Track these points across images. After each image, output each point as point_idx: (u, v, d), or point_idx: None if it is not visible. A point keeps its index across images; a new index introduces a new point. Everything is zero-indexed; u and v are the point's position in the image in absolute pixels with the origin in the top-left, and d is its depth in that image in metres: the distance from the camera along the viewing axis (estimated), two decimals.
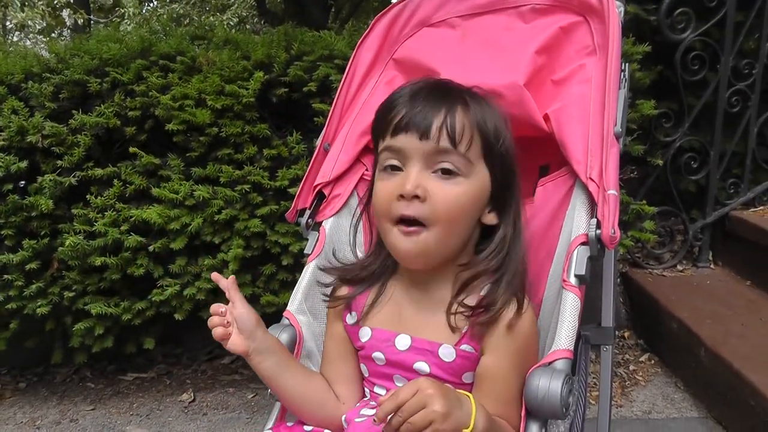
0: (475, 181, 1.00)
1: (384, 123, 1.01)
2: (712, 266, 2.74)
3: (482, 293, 1.01)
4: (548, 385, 0.91)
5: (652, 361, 2.37)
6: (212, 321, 1.03)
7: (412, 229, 0.99)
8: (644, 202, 2.35)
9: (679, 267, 2.72)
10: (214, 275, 1.06)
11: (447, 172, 0.98)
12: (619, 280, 2.68)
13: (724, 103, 2.59)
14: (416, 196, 0.97)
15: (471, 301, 1.01)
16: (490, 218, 1.05)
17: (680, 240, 2.76)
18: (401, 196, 0.97)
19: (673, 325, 2.26)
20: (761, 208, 2.73)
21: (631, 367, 2.33)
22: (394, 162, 1.00)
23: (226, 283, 1.05)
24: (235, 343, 1.03)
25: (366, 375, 1.12)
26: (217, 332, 1.02)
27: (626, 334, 2.55)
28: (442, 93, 0.99)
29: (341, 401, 1.12)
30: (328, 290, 1.16)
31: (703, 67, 2.55)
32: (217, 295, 2.15)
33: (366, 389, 1.14)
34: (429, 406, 0.82)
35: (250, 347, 1.03)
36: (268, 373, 1.06)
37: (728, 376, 1.90)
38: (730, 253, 2.71)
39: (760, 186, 2.74)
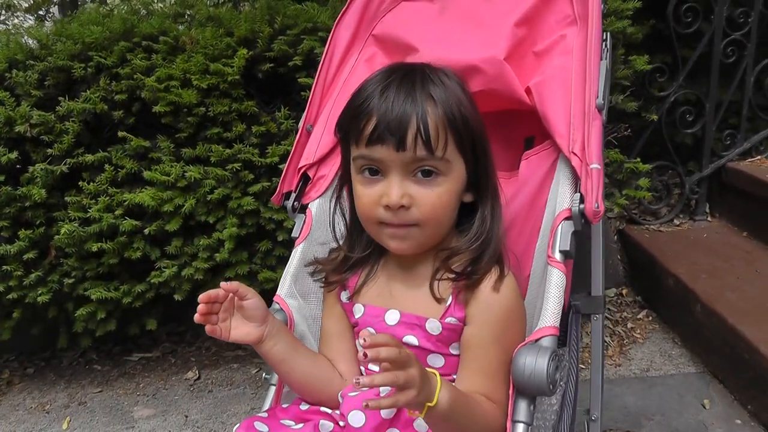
0: (454, 176, 1.00)
1: (356, 129, 0.99)
2: (708, 219, 2.74)
3: (465, 264, 1.03)
4: (534, 362, 0.91)
5: (650, 318, 2.39)
6: (199, 310, 1.00)
7: (401, 230, 1.00)
8: (638, 160, 2.33)
9: (675, 221, 2.72)
10: (223, 285, 1.02)
11: (427, 173, 0.97)
12: (615, 237, 2.69)
13: (719, 53, 2.55)
14: (402, 206, 0.97)
15: (455, 269, 1.03)
16: (468, 197, 1.06)
17: (677, 194, 2.75)
18: (387, 207, 0.98)
19: (670, 281, 2.27)
20: (758, 158, 2.70)
21: (629, 325, 2.34)
22: (372, 167, 0.99)
23: (229, 286, 1.02)
24: (247, 333, 1.04)
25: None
26: (198, 318, 1.00)
27: (624, 292, 2.56)
28: (409, 90, 0.96)
29: (344, 379, 1.14)
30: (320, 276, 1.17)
31: (697, 19, 2.49)
32: (216, 274, 2.17)
33: (361, 367, 1.15)
34: (409, 368, 0.81)
35: (264, 332, 1.05)
36: (280, 357, 1.08)
37: (723, 331, 1.91)
38: (727, 205, 2.70)
39: (757, 135, 2.71)
